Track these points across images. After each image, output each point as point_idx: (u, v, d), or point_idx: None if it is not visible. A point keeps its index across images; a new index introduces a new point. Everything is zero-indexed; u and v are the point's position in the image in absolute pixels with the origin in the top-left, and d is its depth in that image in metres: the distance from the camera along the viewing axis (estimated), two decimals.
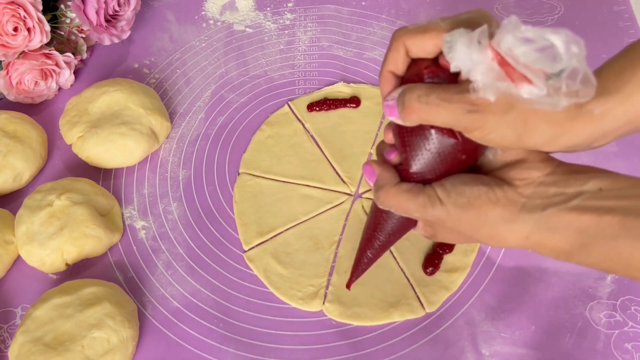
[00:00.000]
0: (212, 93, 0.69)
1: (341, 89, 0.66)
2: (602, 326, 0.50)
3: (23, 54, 0.65)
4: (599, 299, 0.51)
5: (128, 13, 0.71)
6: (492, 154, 0.38)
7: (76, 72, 0.71)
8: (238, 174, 0.62)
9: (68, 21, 0.69)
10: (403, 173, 0.39)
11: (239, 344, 0.51)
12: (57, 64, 0.67)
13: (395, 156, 0.40)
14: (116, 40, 0.70)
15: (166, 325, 0.53)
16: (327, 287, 0.54)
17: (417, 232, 0.43)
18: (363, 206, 0.58)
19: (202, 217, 0.59)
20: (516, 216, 0.35)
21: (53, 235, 0.53)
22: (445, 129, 0.36)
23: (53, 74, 0.67)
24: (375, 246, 0.44)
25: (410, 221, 0.41)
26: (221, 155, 0.64)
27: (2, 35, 0.62)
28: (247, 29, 0.75)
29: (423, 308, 0.52)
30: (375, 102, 0.65)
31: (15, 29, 0.62)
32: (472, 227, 0.37)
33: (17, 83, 0.66)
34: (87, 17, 0.66)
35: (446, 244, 0.54)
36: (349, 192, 0.60)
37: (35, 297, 0.53)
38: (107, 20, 0.69)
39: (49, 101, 0.70)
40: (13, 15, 0.61)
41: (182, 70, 0.72)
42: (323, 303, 0.53)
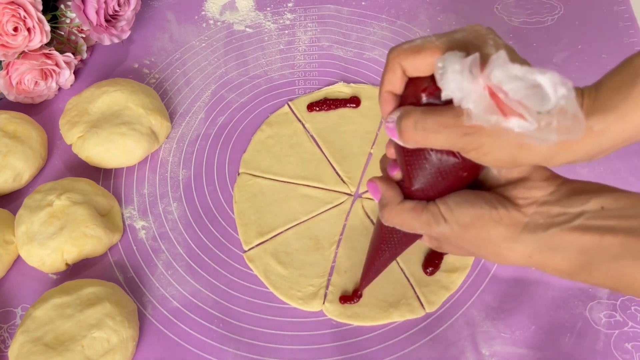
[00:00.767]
0: (212, 93, 0.69)
1: (341, 89, 0.66)
2: (602, 326, 0.50)
3: (23, 54, 0.65)
4: (599, 299, 0.51)
5: (128, 13, 0.71)
6: (497, 171, 0.38)
7: (76, 72, 0.71)
8: (238, 174, 0.62)
9: (68, 21, 0.69)
10: (406, 190, 0.40)
11: (239, 344, 0.51)
12: (57, 64, 0.67)
13: (398, 172, 0.41)
14: (116, 40, 0.70)
15: (166, 325, 0.53)
16: (327, 287, 0.54)
17: (424, 243, 0.43)
18: (363, 206, 0.58)
19: (202, 217, 0.59)
20: (518, 236, 0.36)
21: (53, 235, 0.53)
22: (444, 150, 0.36)
23: (53, 74, 0.67)
24: (382, 257, 0.45)
25: (415, 234, 0.42)
26: (221, 155, 0.64)
27: (2, 35, 0.62)
28: (247, 29, 0.75)
29: (423, 308, 0.52)
30: (375, 102, 0.65)
31: (15, 29, 0.62)
32: (475, 245, 0.38)
33: (17, 83, 0.66)
34: (87, 17, 0.66)
35: None
36: (349, 192, 0.60)
37: (35, 297, 0.53)
38: (107, 20, 0.69)
39: (49, 101, 0.70)
40: (13, 15, 0.61)
41: (182, 70, 0.72)
42: (323, 303, 0.53)
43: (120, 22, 0.70)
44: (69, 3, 0.66)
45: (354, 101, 0.65)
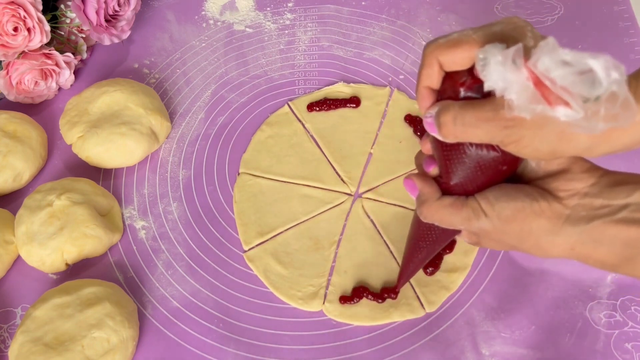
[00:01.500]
0: (212, 93, 0.69)
1: (341, 89, 0.66)
2: (602, 326, 0.50)
3: (23, 54, 0.65)
4: (599, 299, 0.51)
5: (128, 13, 0.71)
6: (536, 163, 0.38)
7: (76, 72, 0.71)
8: (238, 174, 0.62)
9: (68, 21, 0.69)
10: (443, 185, 0.40)
11: (239, 344, 0.51)
12: (57, 64, 0.67)
13: (434, 168, 0.41)
14: (116, 40, 0.70)
15: (166, 325, 0.53)
16: (327, 287, 0.54)
17: (462, 240, 0.43)
18: (363, 206, 0.58)
19: (202, 217, 0.59)
20: (560, 228, 0.35)
21: (53, 235, 0.53)
22: (484, 144, 0.36)
23: (53, 74, 0.67)
24: (420, 255, 0.45)
25: (454, 230, 0.42)
26: (221, 155, 0.64)
27: (2, 35, 0.62)
28: (247, 29, 0.75)
29: (423, 308, 0.52)
30: (375, 102, 0.65)
31: (15, 29, 0.62)
32: (517, 239, 0.37)
33: (17, 83, 0.66)
34: (87, 17, 0.66)
35: (447, 245, 0.54)
36: (349, 192, 0.60)
37: (35, 297, 0.53)
38: (107, 20, 0.69)
39: (49, 101, 0.70)
40: (13, 15, 0.61)
41: (182, 70, 0.72)
42: (323, 303, 0.53)
43: (120, 22, 0.70)
44: (69, 3, 0.66)
45: (354, 101, 0.65)
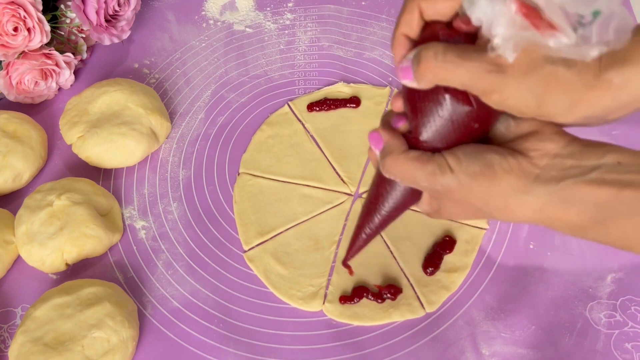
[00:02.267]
0: (212, 93, 0.69)
1: (341, 89, 0.66)
2: (602, 326, 0.50)
3: (23, 54, 0.65)
4: (599, 299, 0.51)
5: (128, 13, 0.71)
6: (505, 127, 0.37)
7: (76, 72, 0.71)
8: (238, 174, 0.62)
9: (68, 21, 0.69)
10: (412, 141, 0.38)
11: (239, 344, 0.51)
12: (57, 64, 0.67)
13: (403, 124, 0.39)
14: (116, 40, 0.70)
15: (166, 325, 0.53)
16: (327, 287, 0.54)
17: (420, 208, 0.41)
18: None
19: (202, 217, 0.59)
20: (530, 187, 0.34)
21: (53, 235, 0.53)
22: (460, 95, 0.35)
23: (53, 74, 0.67)
24: (374, 221, 0.42)
25: (414, 194, 0.40)
26: (221, 155, 0.64)
27: (2, 35, 0.62)
28: (247, 29, 0.75)
29: (423, 308, 0.52)
30: (375, 102, 0.65)
31: (15, 29, 0.62)
32: (482, 199, 0.36)
33: (17, 83, 0.66)
34: (87, 17, 0.66)
35: (447, 245, 0.54)
36: (349, 192, 0.60)
37: (35, 297, 0.53)
38: (107, 20, 0.69)
39: (49, 101, 0.70)
40: (13, 15, 0.61)
41: (182, 70, 0.72)
42: (323, 303, 0.53)
43: (120, 22, 0.70)
44: (69, 3, 0.66)
45: (354, 101, 0.65)
